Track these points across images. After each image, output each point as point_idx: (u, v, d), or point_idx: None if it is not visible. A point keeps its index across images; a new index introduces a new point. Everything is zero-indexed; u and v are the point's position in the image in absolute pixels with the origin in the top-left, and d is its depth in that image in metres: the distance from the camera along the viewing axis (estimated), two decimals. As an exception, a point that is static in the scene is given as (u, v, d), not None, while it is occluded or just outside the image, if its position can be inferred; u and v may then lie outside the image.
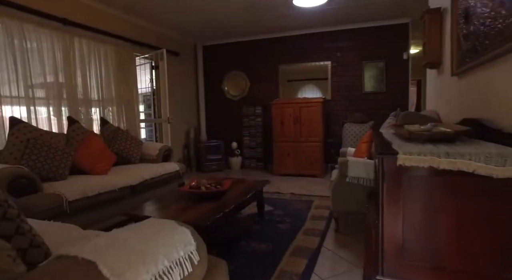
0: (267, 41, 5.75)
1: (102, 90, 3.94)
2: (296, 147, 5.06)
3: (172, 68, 5.42)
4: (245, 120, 5.85)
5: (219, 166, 5.74)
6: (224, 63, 6.10)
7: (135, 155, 3.57)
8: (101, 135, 3.53)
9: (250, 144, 5.86)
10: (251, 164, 5.90)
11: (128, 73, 4.32)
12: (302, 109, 5.00)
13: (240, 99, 6.06)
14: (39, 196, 2.22)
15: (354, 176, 2.42)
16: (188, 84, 6.00)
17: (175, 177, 3.62)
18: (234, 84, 6.07)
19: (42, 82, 3.22)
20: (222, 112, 6.22)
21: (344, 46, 5.28)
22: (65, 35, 3.40)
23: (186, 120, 5.90)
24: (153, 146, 3.78)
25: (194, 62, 6.15)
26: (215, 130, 6.31)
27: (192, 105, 6.12)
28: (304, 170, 5.04)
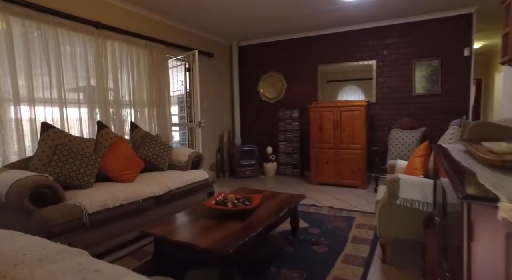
0: (306, 40, 5.39)
1: (134, 93, 3.88)
2: (336, 154, 4.64)
3: (206, 70, 5.28)
4: (281, 124, 5.54)
5: (253, 172, 5.50)
6: (260, 64, 5.84)
7: (163, 162, 3.44)
8: (131, 140, 3.45)
9: (286, 150, 5.53)
10: (286, 171, 5.58)
11: (160, 76, 4.24)
12: (343, 113, 4.57)
13: (276, 102, 5.76)
14: (59, 208, 2.12)
15: (407, 198, 2.01)
16: (223, 86, 5.83)
17: (204, 186, 3.43)
18: (270, 86, 5.79)
19: (75, 87, 3.20)
20: (257, 116, 5.97)
21: (391, 44, 4.75)
22: (98, 38, 3.36)
23: (220, 123, 5.74)
24: (183, 152, 3.62)
25: (229, 63, 5.97)
26: (250, 134, 6.07)
27: (226, 108, 5.95)
28: (344, 180, 4.60)
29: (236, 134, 5.96)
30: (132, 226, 2.56)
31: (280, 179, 5.30)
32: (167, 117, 4.38)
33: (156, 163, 3.38)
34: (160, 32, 4.28)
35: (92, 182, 2.71)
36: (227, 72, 5.93)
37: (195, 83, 4.60)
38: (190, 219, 2.18)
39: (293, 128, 5.44)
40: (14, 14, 2.67)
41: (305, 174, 5.46)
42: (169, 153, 3.57)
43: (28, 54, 2.77)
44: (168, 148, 3.60)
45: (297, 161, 5.46)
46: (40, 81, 2.90)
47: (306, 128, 5.40)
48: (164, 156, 3.47)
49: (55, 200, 2.19)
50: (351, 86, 5.17)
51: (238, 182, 5.11)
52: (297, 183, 4.98)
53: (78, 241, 2.16)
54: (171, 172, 3.36)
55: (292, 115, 5.44)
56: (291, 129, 5.46)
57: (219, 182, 5.15)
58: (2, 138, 2.65)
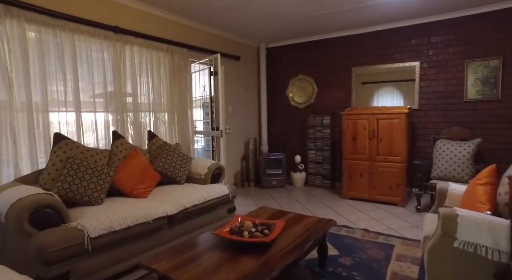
0: (339, 41, 4.95)
1: (154, 99, 3.70)
2: (372, 167, 4.16)
3: (231, 73, 5.03)
4: (310, 131, 5.14)
5: (279, 182, 5.15)
6: (289, 66, 5.49)
7: (181, 175, 3.21)
8: (148, 151, 3.26)
9: (316, 159, 5.12)
10: (316, 182, 5.17)
11: (182, 80, 4.04)
12: (380, 122, 4.09)
13: (306, 107, 5.37)
14: (60, 231, 1.93)
15: (470, 242, 1.57)
16: (249, 91, 5.55)
17: (224, 202, 3.15)
18: (299, 90, 5.41)
19: (91, 94, 3.07)
20: (286, 122, 5.62)
21: (438, 42, 4.18)
22: (116, 43, 3.22)
23: (245, 130, 5.46)
24: (203, 164, 3.38)
25: (256, 66, 5.68)
26: (277, 142, 5.74)
27: (252, 113, 5.66)
28: (381, 196, 4.11)
29: (263, 141, 5.65)
30: (140, 250, 2.34)
31: (309, 191, 4.91)
32: (189, 124, 4.17)
33: (173, 176, 3.17)
34: (182, 35, 4.09)
35: (103, 198, 2.53)
36: (254, 76, 5.64)
37: (219, 87, 4.36)
38: (200, 251, 1.90)
39: (324, 136, 5.02)
40: (29, 21, 2.57)
41: (336, 186, 5.03)
42: (188, 165, 3.35)
43: (43, 62, 2.66)
44: (187, 159, 3.37)
45: (328, 171, 5.03)
46: (55, 89, 2.79)
47: (338, 137, 4.96)
48: (182, 169, 3.24)
49: (57, 222, 2.01)
50: (388, 88, 4.65)
51: (263, 193, 4.80)
52: (327, 196, 4.56)
53: (78, 268, 1.96)
54: (188, 186, 3.12)
55: (323, 121, 5.02)
56: (321, 137, 5.05)
57: (243, 192, 4.87)
58: (15, 149, 2.56)
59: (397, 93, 4.58)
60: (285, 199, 4.44)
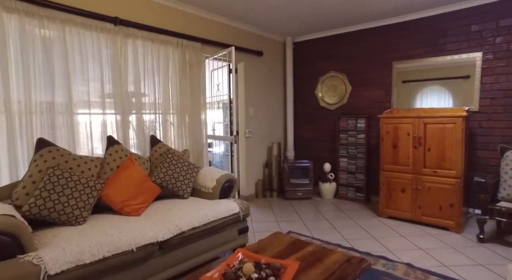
0: (378, 31, 4.24)
1: (161, 100, 3.30)
2: (417, 181, 3.43)
3: (253, 71, 4.53)
4: (342, 136, 4.48)
5: (306, 193, 4.55)
6: (319, 62, 4.86)
7: (184, 188, 2.76)
8: (149, 159, 2.85)
9: (349, 168, 4.45)
10: (348, 194, 4.49)
11: (194, 78, 3.60)
12: (428, 127, 3.35)
13: (337, 109, 4.72)
14: (11, 267, 1.54)
15: None
16: (274, 90, 5.00)
17: (234, 222, 2.65)
18: (330, 89, 4.76)
19: (86, 94, 2.72)
20: (314, 125, 5.00)
21: (510, 26, 3.34)
22: (116, 36, 2.85)
23: (268, 134, 4.92)
24: (211, 176, 2.90)
25: (281, 63, 5.12)
26: (304, 148, 5.13)
27: (277, 115, 5.11)
28: (428, 217, 3.37)
29: (289, 147, 5.07)
30: (119, 286, 1.91)
31: (339, 205, 4.25)
32: (202, 127, 3.72)
33: (175, 189, 2.72)
34: (195, 27, 3.66)
35: (85, 216, 2.14)
36: (279, 73, 5.08)
37: (238, 86, 3.89)
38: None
39: (358, 141, 4.34)
40: (9, 10, 2.26)
41: (371, 200, 4.33)
42: (194, 176, 2.89)
43: (27, 58, 2.34)
44: (193, 169, 2.91)
45: (362, 183, 4.33)
46: (42, 87, 2.46)
47: (374, 143, 4.27)
48: (186, 181, 2.78)
49: (14, 252, 1.62)
50: (434, 86, 3.87)
51: (286, 206, 4.23)
52: (361, 213, 3.88)
53: (32, 314, 1.56)
54: (192, 201, 2.66)
55: (357, 125, 4.34)
56: (355, 143, 4.37)
57: (264, 203, 4.34)
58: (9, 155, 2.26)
59: (445, 93, 3.78)
60: (310, 215, 3.84)
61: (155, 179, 2.65)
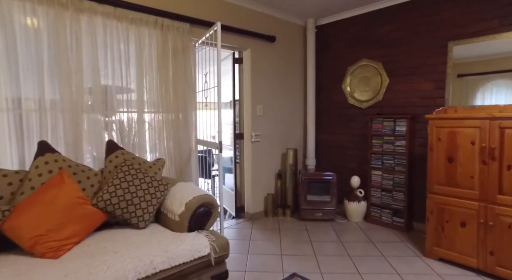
0: (427, 1, 3.17)
1: (130, 95, 2.59)
2: (487, 213, 2.35)
3: (263, 60, 3.69)
4: (376, 142, 3.46)
5: (327, 213, 3.59)
6: (348, 49, 3.88)
7: (140, 214, 1.99)
8: (101, 173, 2.14)
9: (384, 184, 3.42)
10: (382, 217, 3.46)
11: (179, 69, 2.85)
12: (506, 132, 2.26)
13: (370, 107, 3.70)
14: None
15: None
16: (290, 84, 4.11)
17: (202, 268, 1.84)
18: (362, 82, 3.75)
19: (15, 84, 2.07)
20: (340, 128, 4.02)
21: None
22: (63, 11, 2.17)
23: (283, 137, 4.04)
24: (182, 196, 2.11)
25: (300, 51, 4.20)
26: (328, 155, 4.17)
27: (294, 115, 4.20)
28: (504, 267, 2.28)
29: (309, 154, 4.14)
30: None
31: (370, 232, 3.25)
32: (189, 130, 2.96)
33: (126, 216, 1.97)
34: (181, 3, 2.90)
35: (-31, 261, 1.46)
36: (297, 63, 4.17)
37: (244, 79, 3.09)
38: None
39: (397, 150, 3.30)
40: None
41: (414, 228, 3.28)
42: (159, 196, 2.12)
43: None
44: (159, 187, 2.14)
45: (402, 205, 3.28)
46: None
47: (420, 153, 3.22)
48: (143, 204, 2.02)
49: None
50: (499, 80, 2.72)
51: (300, 231, 3.32)
52: (400, 248, 2.86)
53: None
54: (145, 235, 1.89)
55: (396, 128, 3.30)
56: (392, 151, 3.33)
57: (272, 225, 3.46)
58: None
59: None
60: (328, 247, 2.90)
61: (97, 202, 1.92)
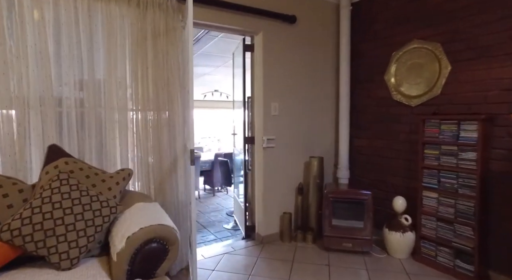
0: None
1: (95, 88, 2.07)
2: None
3: (279, 46, 2.99)
4: (430, 152, 2.51)
5: (359, 244, 2.73)
6: (393, 29, 2.96)
7: (64, 250, 1.42)
8: (32, 187, 1.64)
9: (441, 211, 2.45)
10: (437, 257, 2.49)
11: (162, 56, 2.27)
12: None
13: (423, 105, 2.75)
14: None
15: None
16: (316, 76, 3.31)
17: None
18: (412, 70, 2.81)
19: None
20: (382, 131, 3.11)
21: None
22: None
23: (306, 142, 3.26)
24: (127, 226, 1.51)
25: (330, 35, 3.37)
26: (365, 166, 3.28)
27: (321, 114, 3.38)
28: None
29: (341, 164, 3.29)
30: None
31: (420, 278, 2.32)
32: (175, 132, 2.37)
33: (42, 252, 1.42)
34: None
35: None
36: (326, 50, 3.35)
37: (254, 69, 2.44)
38: None
39: (463, 165, 2.31)
40: None
41: (491, 277, 2.27)
42: (101, 223, 1.54)
43: None
44: (103, 211, 1.57)
45: (469, 244, 2.29)
46: None
47: (500, 170, 2.22)
48: (71, 235, 1.45)
49: None
50: None
51: (319, 266, 2.51)
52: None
53: None
54: (55, 285, 1.32)
55: (461, 134, 2.33)
56: (455, 166, 2.35)
57: (286, 254, 2.71)
58: None
59: None
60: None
61: (1, 230, 1.40)
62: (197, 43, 3.60)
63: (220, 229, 3.74)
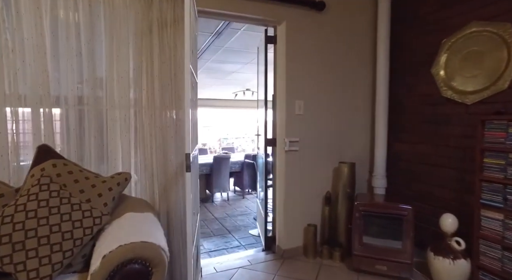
0: None
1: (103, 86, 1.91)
2: None
3: (305, 37, 2.65)
4: (491, 161, 2.00)
5: (396, 268, 2.29)
6: (443, 11, 2.47)
7: (33, 268, 1.23)
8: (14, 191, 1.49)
9: (509, 238, 1.94)
10: (499, 292, 1.98)
11: (170, 50, 2.05)
12: None
13: (480, 102, 2.23)
14: None
15: None
16: (348, 70, 2.90)
17: None
18: (468, 61, 2.30)
19: None
20: (428, 134, 2.62)
21: None
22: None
23: (335, 145, 2.87)
24: (107, 243, 1.29)
25: (365, 23, 2.94)
26: (404, 174, 2.81)
27: (354, 114, 2.97)
28: None
29: (377, 170, 2.86)
30: None
31: (473, 321, 1.84)
32: (183, 133, 2.14)
33: (8, 270, 1.24)
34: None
35: None
36: (359, 40, 2.93)
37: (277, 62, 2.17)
38: None
39: (537, 178, 1.79)
40: None
41: None
42: (80, 236, 1.35)
43: None
44: (85, 221, 1.37)
45: (545, 281, 1.77)
46: None
47: None
48: (43, 250, 1.27)
49: None
50: None
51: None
52: None
53: None
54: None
55: (536, 139, 1.81)
56: (527, 180, 1.84)
57: (309, 272, 2.36)
58: None
59: None
60: None
61: (-33, 242, 1.25)
62: (219, 38, 3.38)
63: (245, 235, 3.50)
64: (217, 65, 4.98)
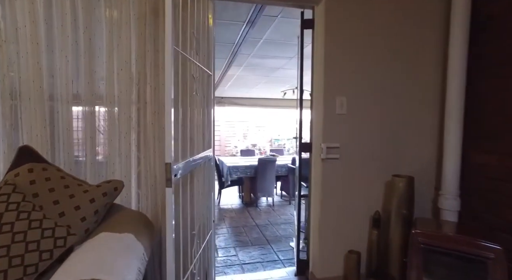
0: None
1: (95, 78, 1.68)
2: None
3: (348, 19, 2.13)
4: None
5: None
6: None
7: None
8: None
9: None
10: None
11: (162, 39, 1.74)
12: None
13: None
14: None
15: None
16: (406, 60, 2.28)
17: None
18: None
19: None
20: (524, 141, 1.89)
21: None
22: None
23: (387, 153, 2.27)
24: (59, 276, 1.00)
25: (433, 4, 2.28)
26: (487, 195, 2.09)
27: (415, 116, 2.32)
28: None
29: (447, 187, 2.18)
30: None
31: None
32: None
33: None
34: None
35: None
36: (421, 20, 2.28)
37: (315, 51, 1.78)
38: None
39: None
40: None
41: None
42: (33, 263, 1.08)
43: None
44: (47, 243, 1.11)
45: None
46: None
47: None
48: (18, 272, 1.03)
49: None
50: None
51: None
52: None
53: None
54: None
55: None
56: None
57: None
58: None
59: None
60: None
61: None
62: (253, 28, 3.00)
63: (286, 248, 3.12)
64: (259, 61, 4.62)
